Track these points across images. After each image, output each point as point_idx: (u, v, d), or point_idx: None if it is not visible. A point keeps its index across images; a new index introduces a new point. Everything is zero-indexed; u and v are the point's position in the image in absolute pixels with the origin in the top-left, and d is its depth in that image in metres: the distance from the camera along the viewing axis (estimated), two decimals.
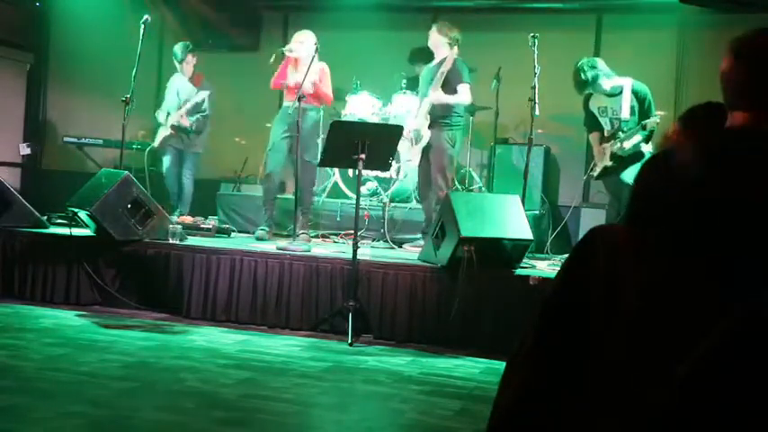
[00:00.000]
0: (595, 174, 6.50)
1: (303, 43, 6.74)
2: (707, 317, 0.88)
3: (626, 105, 6.24)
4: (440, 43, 6.58)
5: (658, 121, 6.07)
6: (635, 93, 6.23)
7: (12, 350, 4.51)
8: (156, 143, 7.77)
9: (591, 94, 6.46)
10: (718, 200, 0.94)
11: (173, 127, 7.63)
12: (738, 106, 1.14)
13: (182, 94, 7.71)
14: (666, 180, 0.98)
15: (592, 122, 6.52)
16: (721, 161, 0.97)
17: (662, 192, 0.98)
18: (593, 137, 6.53)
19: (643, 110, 6.20)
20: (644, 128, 6.11)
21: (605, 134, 6.38)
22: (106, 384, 3.98)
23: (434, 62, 6.66)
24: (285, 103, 6.90)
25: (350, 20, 8.53)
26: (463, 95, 6.46)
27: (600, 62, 6.37)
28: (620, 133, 6.23)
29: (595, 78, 6.24)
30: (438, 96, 6.42)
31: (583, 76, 6.27)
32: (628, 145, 6.19)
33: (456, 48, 6.42)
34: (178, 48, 7.75)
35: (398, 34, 8.43)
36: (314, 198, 7.15)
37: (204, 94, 7.55)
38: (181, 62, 7.73)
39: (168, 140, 7.70)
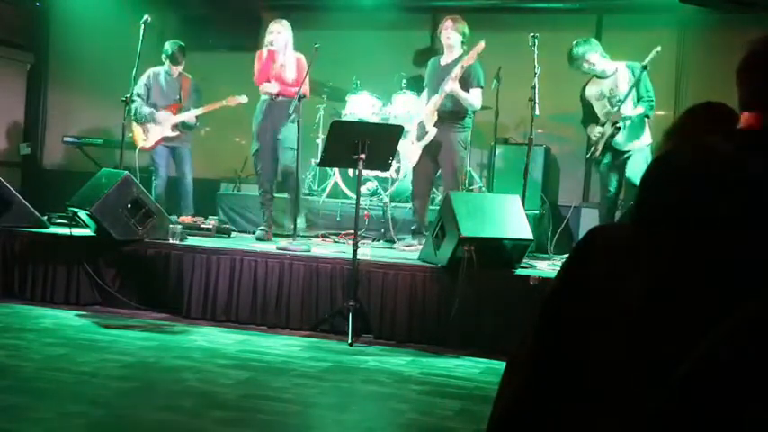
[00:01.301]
0: (599, 150, 6.43)
1: (281, 33, 6.72)
2: (707, 317, 0.88)
3: (622, 78, 6.29)
4: (456, 40, 6.44)
5: (659, 49, 6.12)
6: (629, 68, 6.30)
7: (12, 350, 4.51)
8: (147, 144, 7.39)
9: (586, 85, 6.50)
10: (721, 201, 0.94)
11: (180, 125, 7.49)
12: (752, 106, 1.14)
13: (172, 93, 7.53)
14: (669, 180, 0.98)
15: (588, 115, 6.53)
16: (725, 162, 0.97)
17: (665, 192, 0.98)
18: (591, 128, 6.51)
19: (638, 80, 6.25)
20: (644, 68, 6.15)
21: (605, 117, 6.39)
22: (106, 384, 3.98)
23: (446, 60, 6.49)
24: (263, 98, 6.76)
25: (350, 20, 8.53)
26: (476, 98, 6.39)
27: (595, 41, 6.45)
28: (619, 104, 6.25)
29: (586, 52, 6.31)
30: (455, 89, 6.21)
31: (574, 50, 6.35)
32: (625, 111, 6.22)
33: (482, 44, 6.24)
34: (177, 49, 7.45)
35: (398, 34, 8.44)
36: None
37: (243, 99, 7.35)
38: (178, 64, 7.55)
39: (170, 140, 7.44)
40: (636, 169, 6.24)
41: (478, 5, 8.63)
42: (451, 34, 6.42)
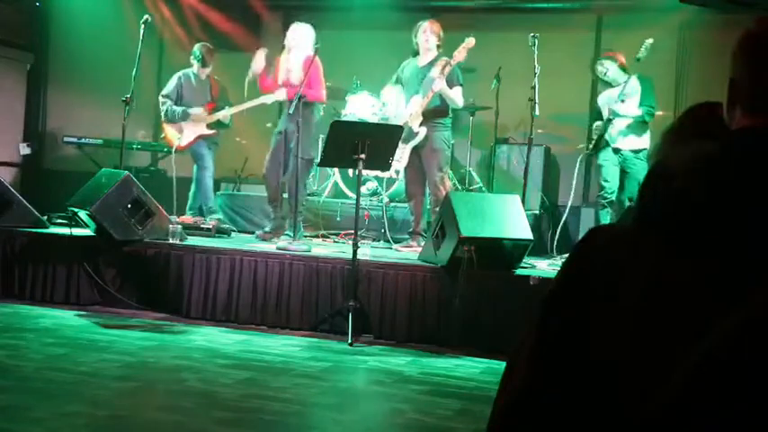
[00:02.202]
0: (592, 144, 6.62)
1: (295, 31, 6.72)
2: (707, 317, 0.88)
3: (631, 87, 6.45)
4: (434, 43, 6.49)
5: (651, 41, 6.32)
6: (639, 78, 6.47)
7: (12, 350, 4.51)
8: (183, 143, 7.46)
9: (601, 92, 6.65)
10: (721, 201, 0.94)
11: (212, 125, 7.51)
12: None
13: (204, 94, 7.55)
14: (668, 181, 0.98)
15: (596, 119, 6.68)
16: (726, 162, 0.97)
17: (664, 193, 0.98)
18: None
19: (645, 89, 6.40)
20: (637, 60, 6.32)
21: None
22: (106, 384, 3.98)
23: (423, 61, 6.54)
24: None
25: (350, 20, 8.53)
26: (459, 97, 6.43)
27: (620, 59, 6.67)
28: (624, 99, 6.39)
29: (605, 59, 6.64)
30: (443, 87, 6.25)
31: (600, 57, 6.61)
32: (625, 107, 6.37)
33: (473, 39, 6.28)
34: (206, 51, 7.54)
35: (398, 34, 8.42)
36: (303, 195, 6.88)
37: (281, 96, 7.36)
38: (207, 66, 7.59)
39: (206, 138, 7.52)
40: (641, 171, 6.37)
41: (478, 5, 8.63)
42: (430, 37, 6.48)
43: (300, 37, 6.69)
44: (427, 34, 6.48)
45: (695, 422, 0.83)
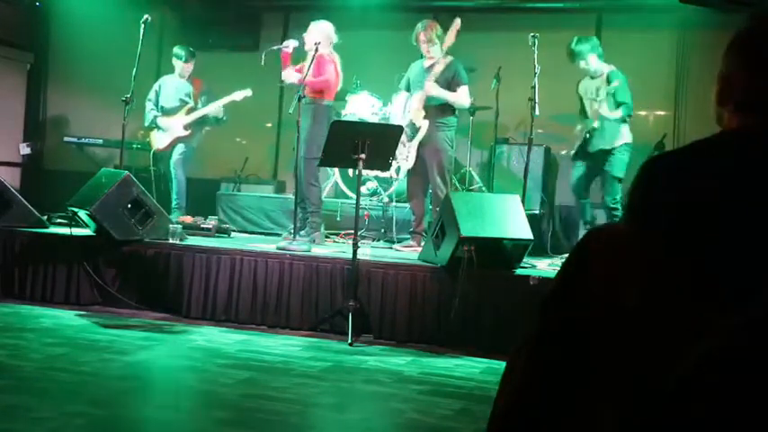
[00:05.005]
0: (573, 150, 6.74)
1: (310, 33, 6.73)
2: (707, 318, 0.88)
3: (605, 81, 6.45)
4: (434, 51, 6.51)
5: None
6: (608, 77, 6.44)
7: (12, 350, 4.51)
8: (162, 145, 7.64)
9: (581, 80, 6.67)
10: (719, 201, 0.94)
11: (189, 125, 7.60)
12: (747, 107, 1.13)
13: (183, 96, 7.67)
14: (667, 181, 0.98)
15: (582, 110, 6.72)
16: (724, 163, 0.97)
17: (662, 193, 0.98)
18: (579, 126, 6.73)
19: (615, 90, 6.37)
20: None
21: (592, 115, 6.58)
22: (106, 384, 3.98)
23: (428, 63, 6.59)
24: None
25: (350, 20, 8.52)
26: (464, 96, 6.45)
27: (596, 41, 6.61)
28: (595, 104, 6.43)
29: (586, 52, 6.48)
30: (436, 90, 6.33)
31: (576, 47, 6.51)
32: (603, 111, 6.38)
33: (453, 35, 6.33)
34: (182, 51, 7.69)
35: (398, 34, 8.42)
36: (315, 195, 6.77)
37: (248, 93, 7.50)
38: (188, 61, 7.68)
39: (181, 139, 7.64)
40: (615, 165, 6.44)
41: (478, 5, 8.63)
42: (429, 48, 6.52)
43: (314, 36, 6.68)
44: (425, 46, 6.54)
45: (695, 422, 0.83)
